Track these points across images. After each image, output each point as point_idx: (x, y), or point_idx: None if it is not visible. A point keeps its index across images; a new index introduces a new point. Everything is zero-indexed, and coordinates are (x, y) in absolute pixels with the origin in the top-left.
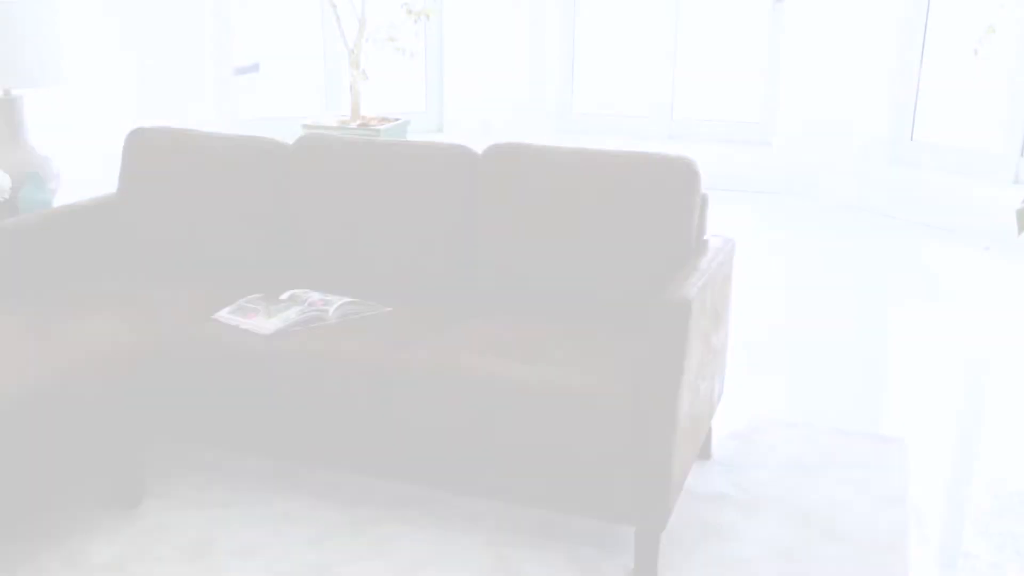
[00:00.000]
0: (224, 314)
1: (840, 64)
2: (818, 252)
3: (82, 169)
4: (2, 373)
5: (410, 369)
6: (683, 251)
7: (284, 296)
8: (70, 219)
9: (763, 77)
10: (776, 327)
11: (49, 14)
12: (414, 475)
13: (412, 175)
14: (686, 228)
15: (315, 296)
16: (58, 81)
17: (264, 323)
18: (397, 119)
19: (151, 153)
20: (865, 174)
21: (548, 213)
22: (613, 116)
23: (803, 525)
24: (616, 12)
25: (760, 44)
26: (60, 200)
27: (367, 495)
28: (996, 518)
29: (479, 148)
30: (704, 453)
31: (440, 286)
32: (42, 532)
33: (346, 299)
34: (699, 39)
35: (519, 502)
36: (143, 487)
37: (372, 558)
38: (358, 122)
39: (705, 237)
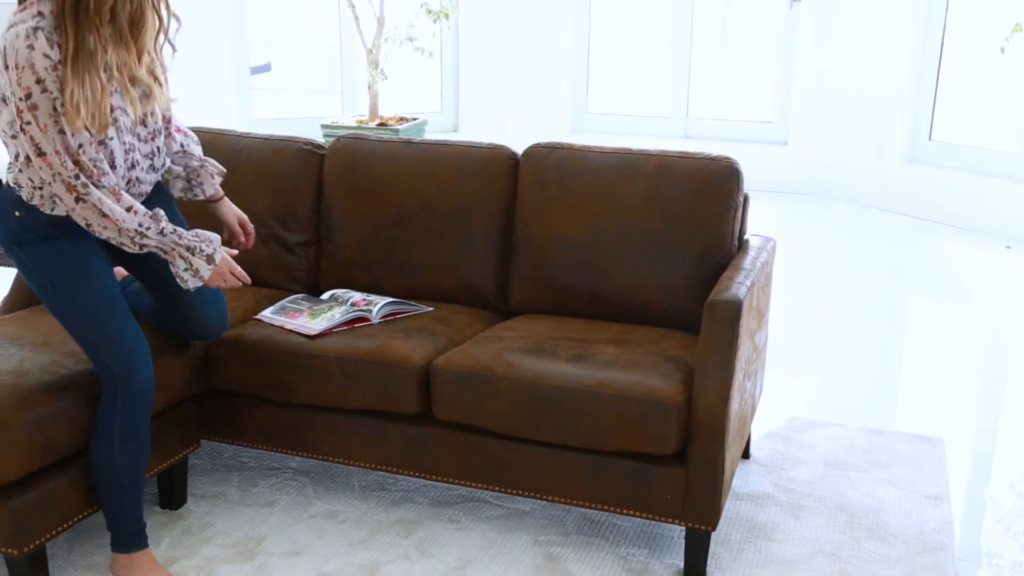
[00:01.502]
0: (267, 314)
1: (857, 64)
2: (837, 251)
3: None
4: (58, 366)
5: (459, 369)
6: (726, 251)
7: (325, 296)
8: None
9: (779, 76)
10: (801, 326)
11: None
12: (462, 475)
13: (453, 175)
14: (730, 228)
15: (356, 296)
16: None
17: (309, 323)
18: (415, 119)
19: None
20: (882, 174)
21: (589, 213)
22: (628, 116)
23: (848, 525)
24: (630, 12)
25: (776, 43)
26: None
27: (410, 495)
28: None
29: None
30: (743, 453)
31: (480, 286)
32: (89, 533)
33: (388, 299)
34: (715, 38)
35: (568, 501)
36: (186, 487)
37: (420, 558)
38: (376, 122)
39: (745, 236)
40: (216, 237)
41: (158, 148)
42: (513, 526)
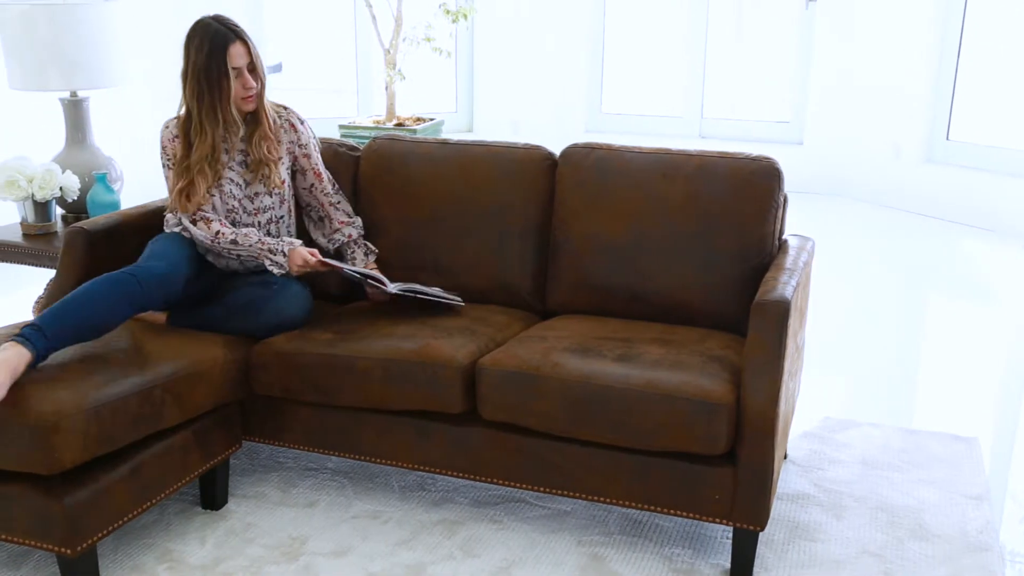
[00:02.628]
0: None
1: (874, 63)
2: (856, 252)
3: (143, 170)
4: (113, 357)
5: (505, 369)
6: (767, 251)
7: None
8: (143, 220)
9: (795, 76)
10: (826, 326)
11: (111, 18)
12: (506, 475)
13: (489, 176)
14: (771, 228)
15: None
16: (120, 83)
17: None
18: (432, 119)
19: None
20: (900, 174)
21: (629, 213)
22: (642, 116)
23: (891, 525)
24: (645, 12)
25: (792, 43)
26: (124, 201)
27: (449, 495)
28: None
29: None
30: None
31: (517, 286)
32: (134, 534)
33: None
34: (730, 38)
35: (613, 502)
36: (227, 488)
37: (465, 558)
38: (394, 122)
39: (784, 236)
40: (293, 240)
41: (273, 218)
42: (555, 526)
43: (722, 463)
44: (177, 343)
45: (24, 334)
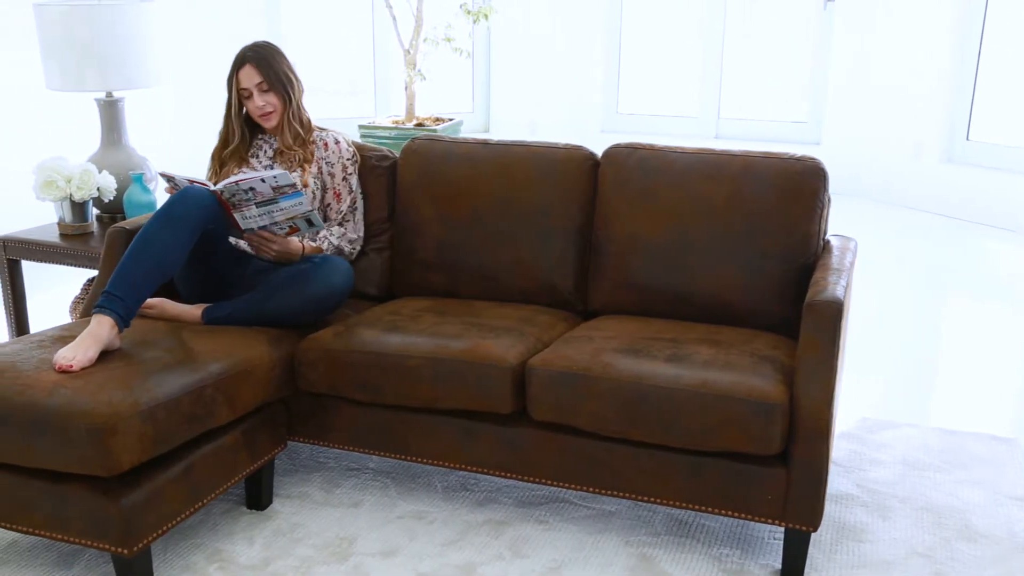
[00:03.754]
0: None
1: (893, 63)
2: (878, 252)
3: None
4: (165, 357)
5: (555, 369)
6: (812, 251)
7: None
8: None
9: (812, 76)
10: (855, 327)
11: (147, 19)
12: (555, 476)
13: (530, 176)
14: (816, 228)
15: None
16: (156, 83)
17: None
18: (451, 119)
19: None
20: (919, 174)
21: (672, 213)
22: (659, 116)
23: (937, 526)
24: (662, 12)
25: (809, 43)
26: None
27: (493, 495)
28: None
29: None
30: None
31: (559, 287)
32: (182, 534)
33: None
34: (746, 38)
35: (663, 502)
36: (272, 488)
37: (514, 559)
38: (414, 122)
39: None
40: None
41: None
42: (602, 527)
43: (775, 463)
44: (222, 341)
45: (100, 303)
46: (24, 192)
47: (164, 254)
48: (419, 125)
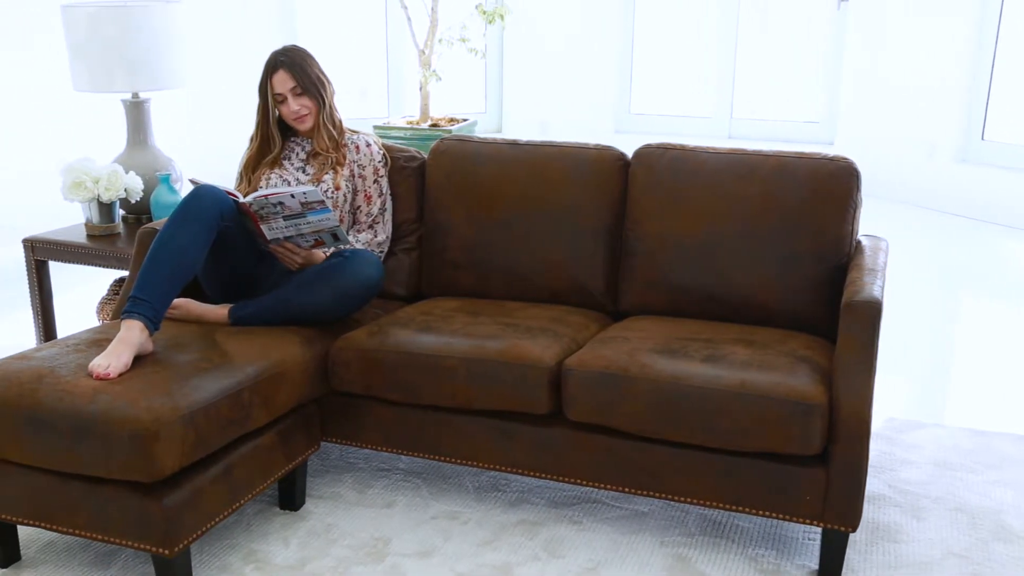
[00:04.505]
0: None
1: (907, 62)
2: (892, 252)
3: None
4: (203, 362)
5: (592, 370)
6: (845, 252)
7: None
8: None
9: (826, 76)
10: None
11: (174, 20)
12: (591, 476)
13: (560, 176)
14: (849, 228)
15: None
16: (182, 84)
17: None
18: (465, 119)
19: None
20: (933, 174)
21: (704, 214)
22: (671, 116)
23: (972, 526)
24: (674, 12)
25: (823, 43)
26: None
27: (525, 495)
28: None
29: None
30: None
31: (590, 287)
32: (216, 534)
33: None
34: (759, 38)
35: (699, 502)
36: (305, 489)
37: (550, 559)
38: (429, 123)
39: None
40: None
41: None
42: (636, 527)
43: (814, 464)
44: (256, 343)
45: (127, 309)
46: (48, 193)
47: (183, 253)
48: (434, 126)
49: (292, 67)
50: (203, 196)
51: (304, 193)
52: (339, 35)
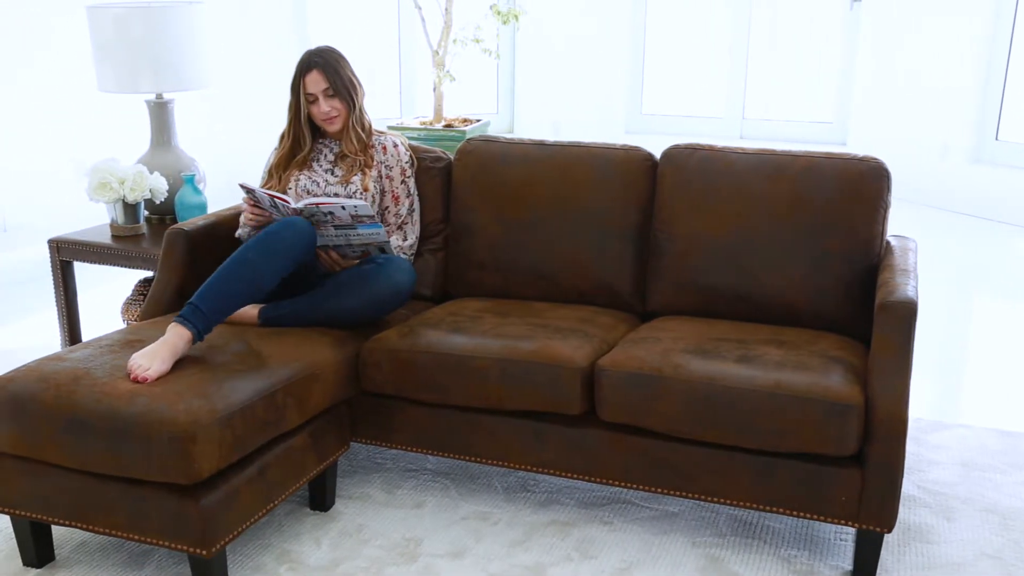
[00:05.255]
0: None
1: (921, 61)
2: None
3: (223, 171)
4: (236, 365)
5: (625, 370)
6: (875, 252)
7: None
8: (237, 221)
9: (838, 76)
10: None
11: (199, 20)
12: (623, 477)
13: (588, 177)
14: (879, 229)
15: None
16: (206, 85)
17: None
18: (479, 120)
19: None
20: (947, 174)
21: (734, 214)
22: (683, 117)
23: (1004, 527)
24: (686, 12)
25: (835, 43)
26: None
27: (554, 496)
28: None
29: None
30: None
31: (617, 288)
32: (248, 535)
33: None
34: (771, 38)
35: (732, 503)
36: (335, 489)
37: (582, 560)
38: (442, 123)
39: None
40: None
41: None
42: (667, 527)
43: (849, 464)
44: (288, 344)
45: (183, 314)
46: (69, 194)
47: (259, 282)
48: (448, 126)
49: (326, 68)
50: (293, 232)
51: (355, 207)
52: (350, 36)
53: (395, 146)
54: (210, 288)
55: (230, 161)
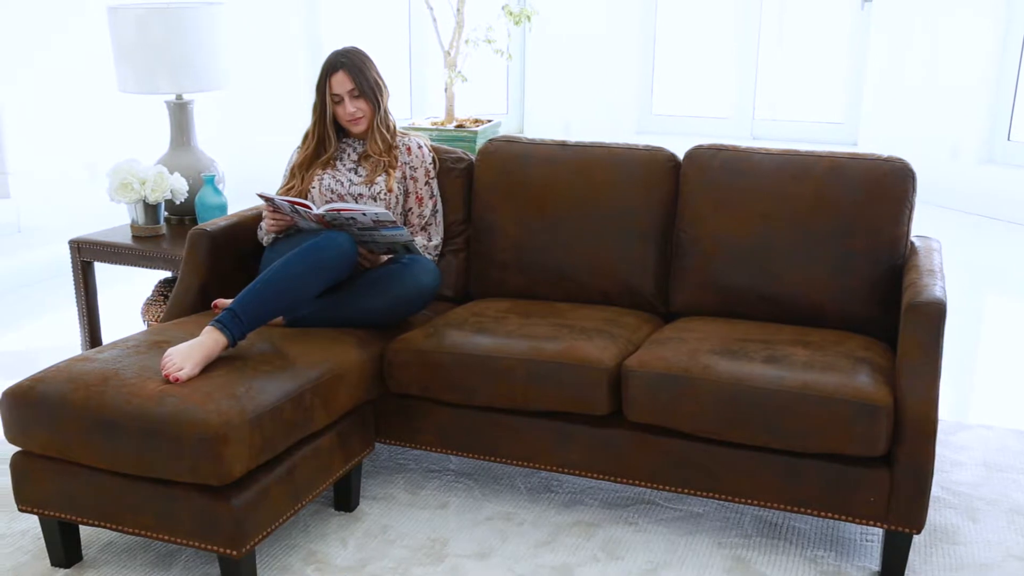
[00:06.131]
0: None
1: (931, 61)
2: None
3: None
4: (263, 366)
5: (653, 371)
6: (900, 253)
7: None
8: (259, 222)
9: (848, 76)
10: None
11: (219, 21)
12: (650, 477)
13: (611, 177)
14: (904, 229)
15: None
16: (225, 85)
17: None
18: (490, 120)
19: None
20: (958, 175)
21: (758, 214)
22: (693, 117)
23: None
24: (696, 13)
25: (846, 43)
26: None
27: (578, 496)
28: None
29: None
30: None
31: (640, 288)
32: (275, 535)
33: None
34: (781, 39)
35: (759, 503)
36: (360, 490)
37: (609, 560)
38: (454, 124)
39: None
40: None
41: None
42: (692, 528)
43: (878, 465)
44: (313, 345)
45: (221, 319)
46: (85, 195)
47: (301, 296)
48: (460, 127)
49: (352, 69)
50: (339, 250)
51: (376, 214)
52: (362, 36)
53: (419, 147)
54: (251, 296)
55: (246, 162)
